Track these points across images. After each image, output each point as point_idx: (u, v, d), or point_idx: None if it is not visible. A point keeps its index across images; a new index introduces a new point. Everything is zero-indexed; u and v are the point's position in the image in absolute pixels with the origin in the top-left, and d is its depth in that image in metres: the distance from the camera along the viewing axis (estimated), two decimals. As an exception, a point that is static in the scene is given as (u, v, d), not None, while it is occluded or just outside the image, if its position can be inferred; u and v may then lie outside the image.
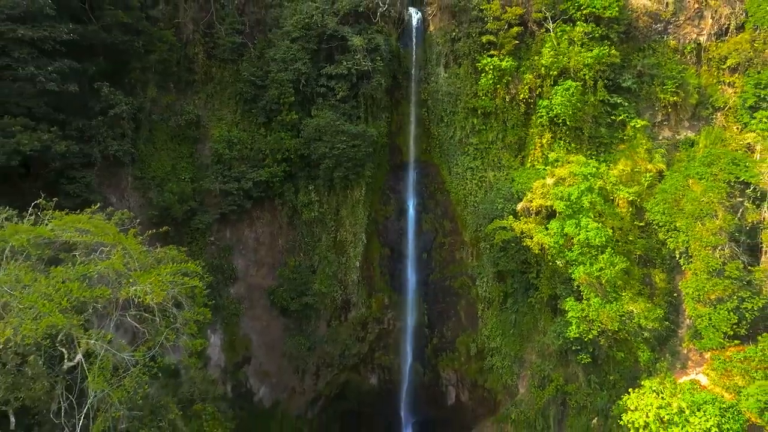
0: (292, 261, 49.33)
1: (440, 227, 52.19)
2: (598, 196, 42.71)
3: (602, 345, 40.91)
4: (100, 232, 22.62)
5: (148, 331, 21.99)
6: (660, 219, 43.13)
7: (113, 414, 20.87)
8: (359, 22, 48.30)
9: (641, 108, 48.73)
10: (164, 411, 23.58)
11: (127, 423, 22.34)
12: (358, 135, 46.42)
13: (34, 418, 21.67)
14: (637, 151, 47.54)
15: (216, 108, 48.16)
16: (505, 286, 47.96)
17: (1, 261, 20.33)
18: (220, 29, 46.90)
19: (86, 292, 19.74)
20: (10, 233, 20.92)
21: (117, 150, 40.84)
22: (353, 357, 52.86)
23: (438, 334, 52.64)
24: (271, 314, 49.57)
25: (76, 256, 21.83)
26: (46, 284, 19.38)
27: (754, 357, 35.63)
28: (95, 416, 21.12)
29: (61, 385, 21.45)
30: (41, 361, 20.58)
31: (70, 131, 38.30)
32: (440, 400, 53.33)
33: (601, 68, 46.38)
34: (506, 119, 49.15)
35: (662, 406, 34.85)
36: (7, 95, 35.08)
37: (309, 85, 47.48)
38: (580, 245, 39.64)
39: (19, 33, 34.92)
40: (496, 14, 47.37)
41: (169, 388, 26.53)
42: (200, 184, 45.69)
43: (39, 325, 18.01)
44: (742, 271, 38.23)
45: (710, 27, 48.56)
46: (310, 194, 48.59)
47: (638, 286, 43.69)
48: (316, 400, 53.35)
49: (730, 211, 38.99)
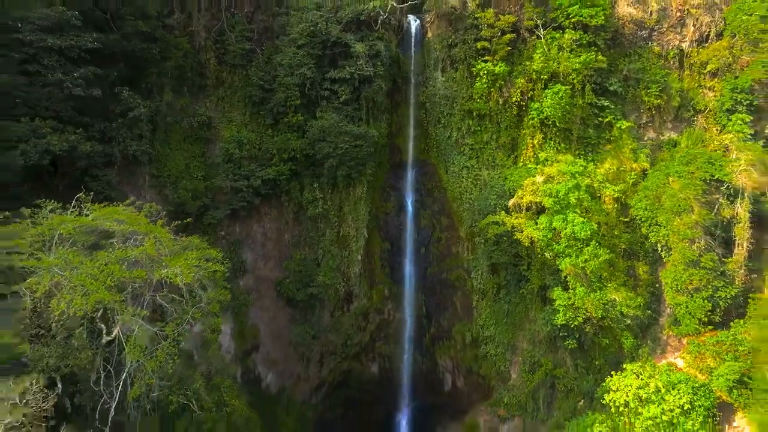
0: (298, 254, 52.30)
1: (437, 223, 55.14)
2: (585, 193, 45.73)
3: (588, 332, 43.90)
4: (134, 222, 25.67)
5: (176, 309, 24.98)
6: (643, 214, 46.12)
7: (147, 381, 23.83)
8: (361, 29, 51.24)
9: (627, 110, 51.61)
10: (190, 381, 26.56)
11: (158, 391, 25.30)
12: (360, 136, 49.36)
13: (77, 386, 24.59)
14: (623, 151, 50.47)
15: (226, 110, 51.17)
16: (498, 278, 50.87)
17: (51, 246, 23.37)
18: (231, 36, 49.89)
19: (126, 273, 22.74)
20: (58, 222, 23.93)
21: (136, 150, 43.84)
22: (355, 346, 55.77)
23: (435, 324, 55.61)
24: (277, 305, 52.54)
25: (113, 242, 24.85)
26: (91, 266, 22.37)
27: (726, 341, 38.62)
28: (131, 384, 24.06)
29: (101, 357, 24.42)
30: (84, 335, 23.57)
31: (92, 133, 41.28)
32: (437, 387, 56.30)
33: (588, 73, 49.19)
34: (500, 121, 52.03)
35: (641, 386, 37.88)
36: (38, 99, 38.05)
37: (314, 88, 50.41)
38: (566, 238, 42.59)
39: (49, 42, 37.96)
40: (490, 22, 50.26)
41: (190, 364, 29.50)
42: (212, 182, 48.71)
43: (88, 300, 20.98)
44: (716, 262, 41.19)
45: (692, 34, 51.49)
46: (314, 191, 51.51)
47: (623, 278, 46.75)
48: (320, 387, 56.26)
49: (706, 207, 41.91)
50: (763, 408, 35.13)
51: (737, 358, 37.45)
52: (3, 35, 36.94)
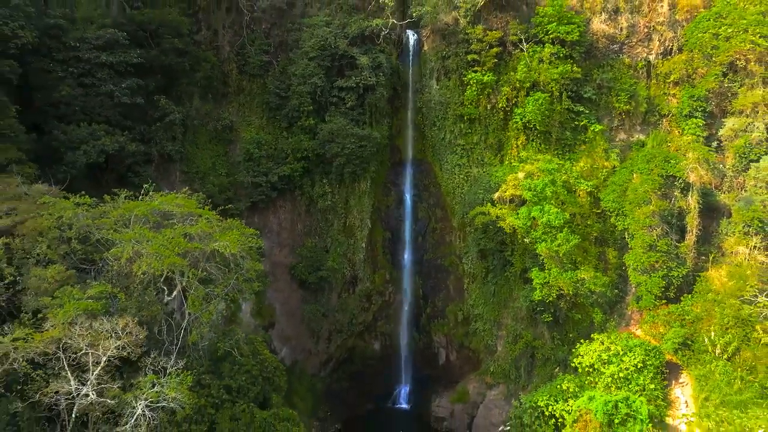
0: (309, 242, 59.09)
1: (433, 215, 61.94)
2: (561, 188, 52.54)
3: (562, 307, 50.69)
4: (189, 206, 32.46)
5: (223, 275, 31.78)
6: (611, 206, 52.93)
7: (201, 330, 30.61)
8: (365, 43, 57.97)
9: (600, 115, 58.36)
10: (232, 333, 33.23)
11: (208, 340, 32.09)
12: (364, 137, 56.10)
13: (128, 358, 30.91)
14: (596, 150, 57.29)
15: (246, 115, 57.98)
16: (486, 263, 57.59)
17: (129, 224, 30.14)
18: (251, 50, 56.68)
19: (188, 245, 29.51)
20: (133, 206, 30.72)
21: (170, 150, 50.80)
22: (359, 324, 62.44)
23: (431, 305, 62.43)
24: (291, 287, 59.30)
25: (174, 222, 31.62)
26: (162, 239, 29.14)
27: (675, 312, 45.47)
28: (189, 332, 30.81)
29: (163, 311, 31.13)
30: (154, 293, 30.36)
31: (135, 135, 48.26)
32: (433, 361, 63.07)
33: (565, 82, 55.87)
34: (488, 124, 58.73)
35: (604, 351, 44.63)
36: (92, 107, 45.00)
37: (323, 95, 57.10)
38: (543, 226, 49.31)
39: (102, 58, 44.87)
40: (479, 37, 56.95)
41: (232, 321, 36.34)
42: (234, 178, 55.53)
43: (163, 263, 27.73)
44: (671, 246, 47.98)
45: (657, 48, 58.30)
46: (324, 186, 58.23)
47: (594, 261, 53.63)
48: (328, 362, 62.93)
49: (662, 199, 48.68)
50: (702, 366, 41.89)
51: (683, 325, 44.27)
52: (64, 53, 43.79)
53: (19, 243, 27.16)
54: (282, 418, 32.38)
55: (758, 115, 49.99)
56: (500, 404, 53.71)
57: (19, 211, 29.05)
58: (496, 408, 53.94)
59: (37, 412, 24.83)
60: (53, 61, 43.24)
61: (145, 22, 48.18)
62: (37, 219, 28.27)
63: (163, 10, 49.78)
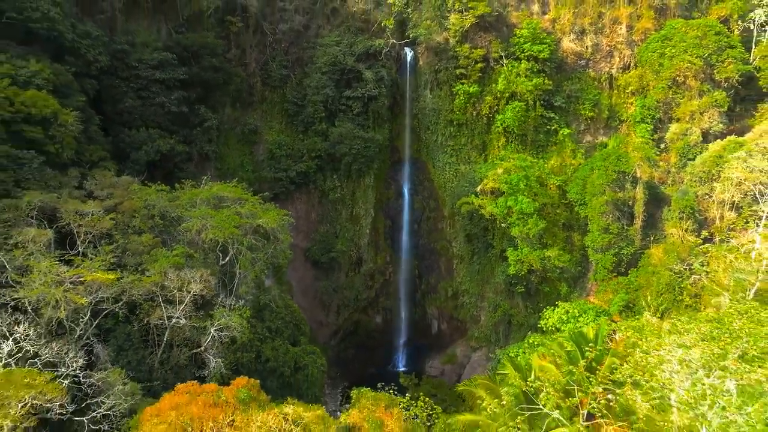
0: (321, 228, 69.40)
1: (427, 205, 72.20)
2: (535, 182, 62.74)
3: (533, 281, 60.95)
4: (237, 192, 42.83)
5: (264, 245, 42.06)
6: (575, 197, 63.12)
7: (248, 285, 40.86)
8: (369, 59, 68.25)
9: (569, 120, 68.68)
10: (269, 290, 43.40)
11: (252, 294, 42.32)
12: (368, 139, 66.38)
13: (203, 298, 41.09)
14: (565, 151, 67.58)
15: (268, 120, 68.29)
16: (472, 246, 67.80)
17: (195, 205, 40.45)
18: (272, 65, 66.99)
19: (240, 220, 39.77)
20: (197, 192, 41.08)
21: (207, 150, 61.03)
22: (364, 300, 72.73)
23: (425, 282, 72.73)
24: (305, 266, 69.60)
25: (228, 204, 41.91)
26: (221, 216, 39.40)
27: (623, 282, 55.73)
28: (238, 286, 41.03)
29: (219, 271, 41.35)
30: (213, 258, 40.62)
31: (180, 137, 58.39)
32: (427, 331, 73.35)
33: (539, 92, 66.12)
34: (473, 128, 68.96)
35: (564, 314, 54.81)
36: (148, 115, 55.19)
37: (334, 104, 67.41)
38: (517, 213, 59.56)
39: (156, 75, 55.06)
40: (466, 54, 67.14)
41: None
42: (259, 174, 65.86)
43: (224, 233, 37.93)
44: (621, 229, 58.20)
45: (618, 63, 68.59)
46: (334, 181, 68.55)
47: (562, 244, 63.77)
48: (336, 333, 73.20)
49: (615, 191, 58.88)
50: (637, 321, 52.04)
51: (628, 293, 54.51)
52: (127, 72, 54.09)
53: (120, 218, 37.28)
54: (308, 352, 42.64)
55: (695, 122, 60.23)
56: (483, 363, 63.95)
57: (115, 195, 39.14)
58: (480, 367, 64.17)
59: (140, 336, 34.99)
60: (119, 79, 53.46)
61: (188, 44, 58.42)
62: (130, 201, 38.38)
63: (202, 34, 59.99)
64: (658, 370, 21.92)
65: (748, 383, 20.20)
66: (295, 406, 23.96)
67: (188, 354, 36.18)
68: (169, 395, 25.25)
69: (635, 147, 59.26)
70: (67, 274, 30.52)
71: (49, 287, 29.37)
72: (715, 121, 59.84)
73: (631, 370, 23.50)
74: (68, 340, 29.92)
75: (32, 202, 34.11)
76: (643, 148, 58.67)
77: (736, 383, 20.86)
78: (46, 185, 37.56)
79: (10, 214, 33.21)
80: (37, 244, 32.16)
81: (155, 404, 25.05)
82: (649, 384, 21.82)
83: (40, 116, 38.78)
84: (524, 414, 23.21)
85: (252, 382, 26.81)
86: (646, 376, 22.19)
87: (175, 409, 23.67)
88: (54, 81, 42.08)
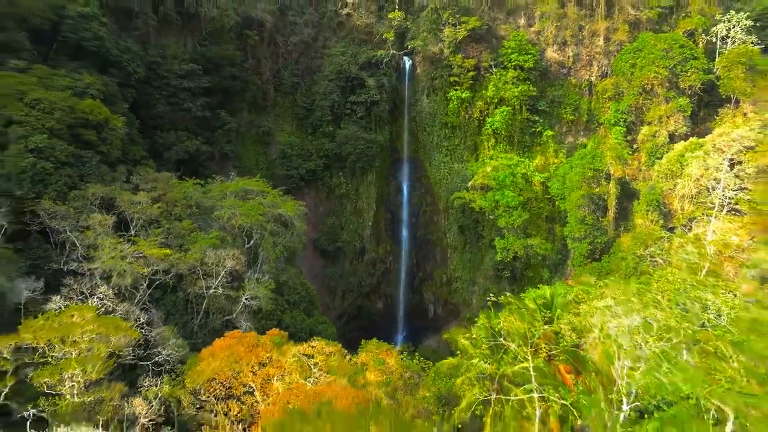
0: (328, 221, 76.69)
1: (424, 200, 79.49)
2: (520, 178, 70.08)
3: (518, 267, 68.26)
4: (261, 186, 50.20)
5: (282, 231, 49.35)
6: (556, 192, 70.45)
7: (271, 265, 48.17)
8: (372, 68, 75.53)
9: (552, 123, 75.98)
10: (288, 269, 50.80)
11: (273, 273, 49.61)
12: (370, 140, 73.67)
13: (236, 272, 48.43)
14: (548, 150, 74.90)
15: (280, 123, 75.60)
16: (464, 236, 75.17)
17: (225, 196, 47.80)
18: (284, 74, 74.31)
19: (265, 209, 47.09)
20: (226, 186, 48.47)
21: (227, 150, 68.30)
22: (366, 286, 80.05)
23: (422, 270, 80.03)
24: (314, 255, 76.88)
25: (252, 196, 49.23)
26: (248, 205, 46.70)
27: (596, 267, 63.01)
28: (262, 265, 48.34)
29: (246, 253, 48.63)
30: (241, 241, 47.94)
31: (204, 139, 65.66)
32: (424, 314, 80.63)
33: (524, 98, 73.47)
34: (466, 130, 76.30)
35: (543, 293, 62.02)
36: (177, 119, 62.51)
37: (339, 108, 74.72)
38: (503, 206, 66.88)
39: (183, 84, 62.39)
40: (459, 63, 74.50)
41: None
42: (272, 171, 73.12)
43: (251, 220, 45.25)
44: (596, 220, 65.51)
45: (596, 71, 75.92)
46: (340, 178, 75.85)
47: (545, 234, 71.17)
48: (341, 316, 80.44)
49: (590, 186, 66.19)
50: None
51: (599, 276, 61.76)
52: (158, 81, 61.43)
53: (164, 207, 44.51)
54: (320, 322, 49.97)
55: (662, 125, 67.51)
56: (473, 341, 71.12)
57: (158, 188, 46.34)
58: (471, 345, 71.33)
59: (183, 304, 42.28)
60: (152, 87, 60.76)
61: (211, 56, 65.72)
62: (171, 193, 45.61)
63: (222, 47, 67.29)
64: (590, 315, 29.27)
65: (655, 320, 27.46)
66: (319, 341, 31.25)
67: (222, 320, 43.45)
68: (219, 340, 32.49)
69: (609, 147, 66.54)
70: (129, 250, 37.86)
71: (117, 260, 36.69)
72: (680, 124, 67.10)
73: (571, 317, 30.81)
74: (131, 303, 37.26)
75: (96, 193, 41.36)
76: (616, 148, 65.95)
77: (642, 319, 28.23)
78: (102, 179, 44.78)
79: (79, 203, 40.48)
80: (102, 226, 39.46)
81: (209, 347, 32.29)
82: (582, 325, 29.10)
83: (95, 122, 46.01)
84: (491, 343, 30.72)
85: (282, 332, 34.08)
86: (580, 318, 29.50)
87: (226, 350, 30.89)
88: (103, 91, 49.35)
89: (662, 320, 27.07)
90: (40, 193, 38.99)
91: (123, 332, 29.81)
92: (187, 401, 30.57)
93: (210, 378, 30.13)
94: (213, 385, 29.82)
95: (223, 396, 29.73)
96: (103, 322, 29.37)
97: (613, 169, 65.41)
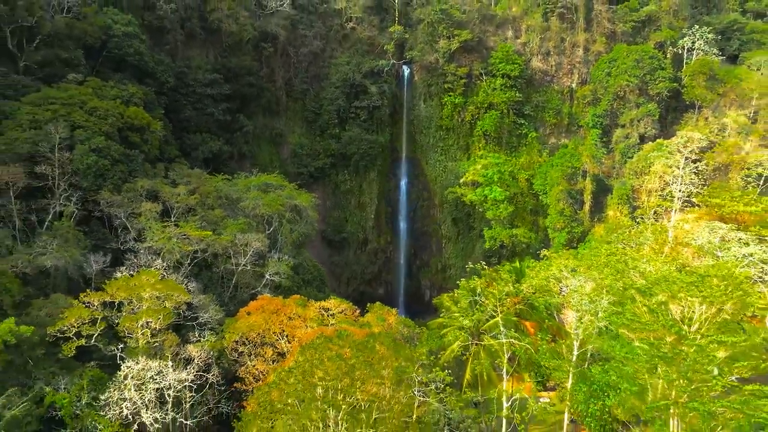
0: (334, 214, 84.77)
1: (421, 196, 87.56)
2: (507, 175, 78.15)
3: (505, 254, 76.32)
4: (279, 180, 58.34)
5: (297, 220, 57.45)
6: (539, 188, 78.54)
7: (288, 247, 56.25)
8: (374, 75, 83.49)
9: (536, 125, 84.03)
10: (303, 252, 58.85)
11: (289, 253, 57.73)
12: (373, 141, 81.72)
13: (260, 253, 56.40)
14: (533, 150, 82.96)
15: (291, 126, 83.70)
16: (457, 228, 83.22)
17: (249, 189, 55.91)
18: (295, 81, 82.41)
19: (283, 200, 55.18)
20: (249, 181, 56.61)
21: (245, 150, 76.45)
22: (369, 274, 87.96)
23: (419, 259, 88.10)
24: (322, 245, 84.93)
25: (272, 189, 57.33)
26: (269, 197, 54.82)
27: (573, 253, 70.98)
28: (281, 248, 56.43)
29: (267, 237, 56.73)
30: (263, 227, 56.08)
31: (224, 140, 73.79)
32: (421, 299, 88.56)
33: (511, 103, 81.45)
34: (459, 132, 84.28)
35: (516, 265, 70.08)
36: (201, 123, 70.64)
37: (344, 112, 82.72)
38: (491, 200, 74.97)
39: (207, 91, 70.54)
40: (452, 71, 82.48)
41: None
42: (284, 169, 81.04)
43: (272, 209, 53.29)
44: (573, 213, 73.59)
45: (577, 78, 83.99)
46: (345, 176, 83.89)
47: (529, 225, 79.28)
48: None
49: (569, 182, 74.25)
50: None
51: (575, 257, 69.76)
52: (185, 89, 69.58)
53: (199, 198, 52.61)
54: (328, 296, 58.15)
55: (634, 128, 75.59)
56: (465, 322, 79.19)
57: (192, 182, 54.39)
58: (463, 325, 79.38)
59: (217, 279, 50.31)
60: (179, 94, 68.87)
61: (231, 66, 73.84)
62: (204, 186, 53.69)
63: (241, 58, 75.40)
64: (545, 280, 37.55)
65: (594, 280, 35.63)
66: (334, 299, 39.33)
67: (249, 293, 51.53)
68: (254, 302, 40.60)
69: (586, 148, 74.65)
70: (175, 231, 46.00)
71: (165, 240, 44.83)
72: (649, 127, 75.17)
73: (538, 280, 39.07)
74: (178, 275, 45.39)
75: (143, 186, 49.48)
76: (592, 148, 74.09)
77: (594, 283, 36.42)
78: (146, 175, 52.92)
79: (130, 194, 48.61)
80: (151, 212, 47.61)
81: (244, 307, 40.42)
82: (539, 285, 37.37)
83: (139, 125, 54.15)
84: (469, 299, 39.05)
85: (303, 297, 42.17)
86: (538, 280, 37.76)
87: (259, 309, 38.96)
88: (144, 98, 57.51)
89: (599, 279, 35.17)
90: (101, 185, 47.16)
91: (179, 292, 37.91)
92: (230, 348, 38.70)
93: (248, 330, 38.24)
94: (250, 334, 37.93)
95: (259, 342, 37.85)
96: (165, 284, 37.48)
97: (589, 167, 73.52)
